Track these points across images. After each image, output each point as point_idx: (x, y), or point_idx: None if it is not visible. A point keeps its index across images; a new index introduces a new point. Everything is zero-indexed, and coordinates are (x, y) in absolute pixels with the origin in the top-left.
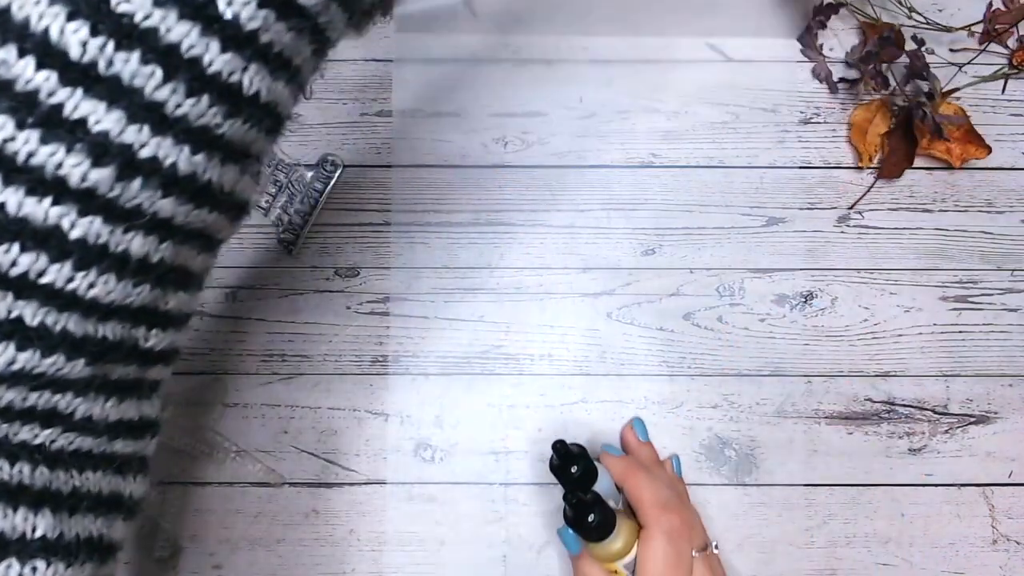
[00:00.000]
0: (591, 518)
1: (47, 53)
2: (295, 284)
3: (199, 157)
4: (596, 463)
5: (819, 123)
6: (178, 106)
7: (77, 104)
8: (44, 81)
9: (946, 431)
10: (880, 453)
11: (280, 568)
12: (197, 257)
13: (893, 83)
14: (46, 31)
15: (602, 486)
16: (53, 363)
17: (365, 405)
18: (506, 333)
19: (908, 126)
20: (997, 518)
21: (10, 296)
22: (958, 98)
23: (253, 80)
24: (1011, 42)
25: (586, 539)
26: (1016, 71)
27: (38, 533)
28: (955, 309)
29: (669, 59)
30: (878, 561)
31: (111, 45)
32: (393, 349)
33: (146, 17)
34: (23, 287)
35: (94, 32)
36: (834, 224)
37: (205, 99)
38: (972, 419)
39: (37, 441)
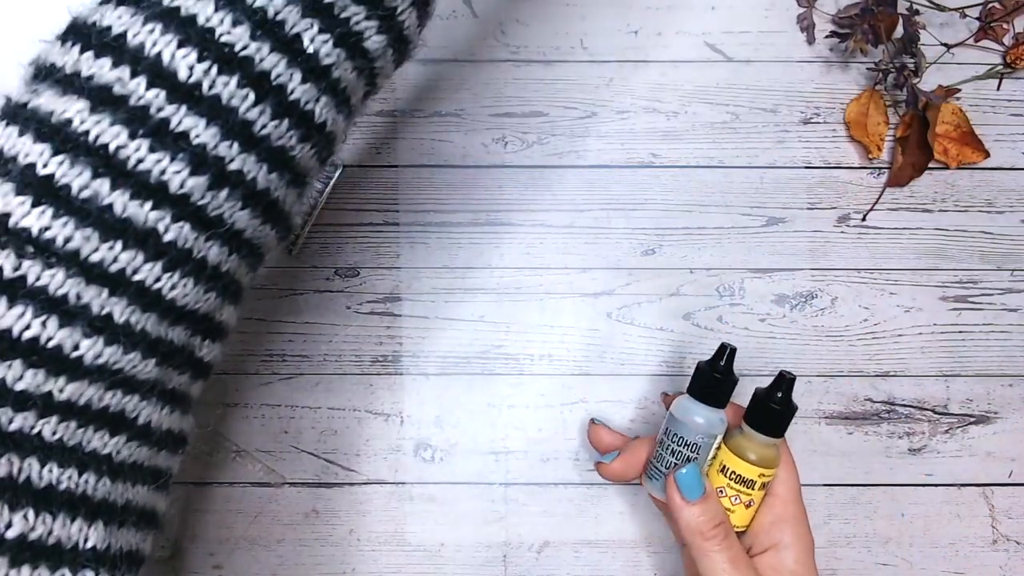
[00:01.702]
0: (779, 398)
1: (158, 74)
2: (295, 284)
3: (274, 175)
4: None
5: (819, 123)
6: (264, 126)
7: (181, 119)
8: (154, 98)
9: (946, 431)
10: (880, 453)
11: (280, 568)
12: (248, 273)
13: (883, 46)
14: (159, 55)
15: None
16: (131, 360)
17: (365, 405)
18: (506, 333)
19: (923, 137)
20: (997, 518)
21: (105, 292)
22: (958, 98)
23: (323, 110)
24: (1007, 39)
25: (761, 428)
26: (1011, 70)
27: (90, 544)
28: (955, 309)
29: (669, 59)
30: (878, 561)
31: (215, 69)
32: (393, 349)
33: (244, 47)
34: (118, 284)
35: (200, 58)
36: (834, 224)
37: (286, 122)
38: (972, 419)
39: (106, 451)
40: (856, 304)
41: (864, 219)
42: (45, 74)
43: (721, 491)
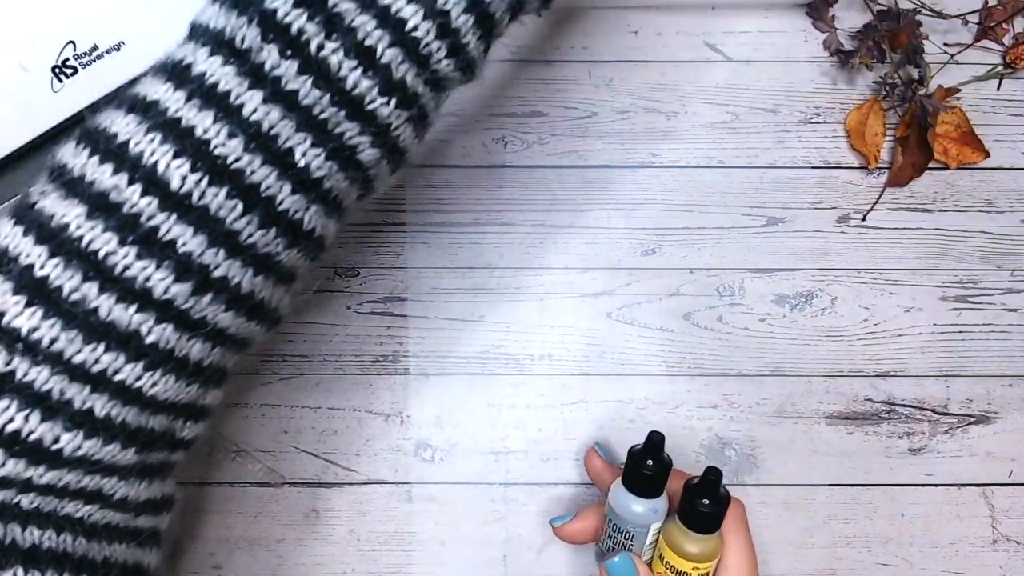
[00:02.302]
0: (706, 503)
1: (153, 183)
2: (295, 284)
3: (259, 279)
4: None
5: (819, 123)
6: (250, 235)
7: (170, 228)
8: (147, 206)
9: (946, 431)
10: (880, 453)
11: (280, 568)
12: (233, 359)
13: (888, 59)
14: (155, 164)
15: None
16: (110, 450)
17: (365, 405)
18: (506, 333)
19: (923, 137)
20: (997, 518)
21: (87, 389)
22: (958, 98)
23: (312, 218)
24: (1007, 39)
25: (692, 527)
26: (1011, 70)
27: None
28: (955, 309)
29: (669, 59)
30: (878, 561)
31: (205, 180)
32: (393, 349)
33: (237, 160)
34: (99, 382)
35: (193, 169)
36: (834, 224)
37: (273, 231)
38: (972, 419)
39: (78, 515)
40: (856, 304)
41: (864, 219)
42: (57, 174)
43: None
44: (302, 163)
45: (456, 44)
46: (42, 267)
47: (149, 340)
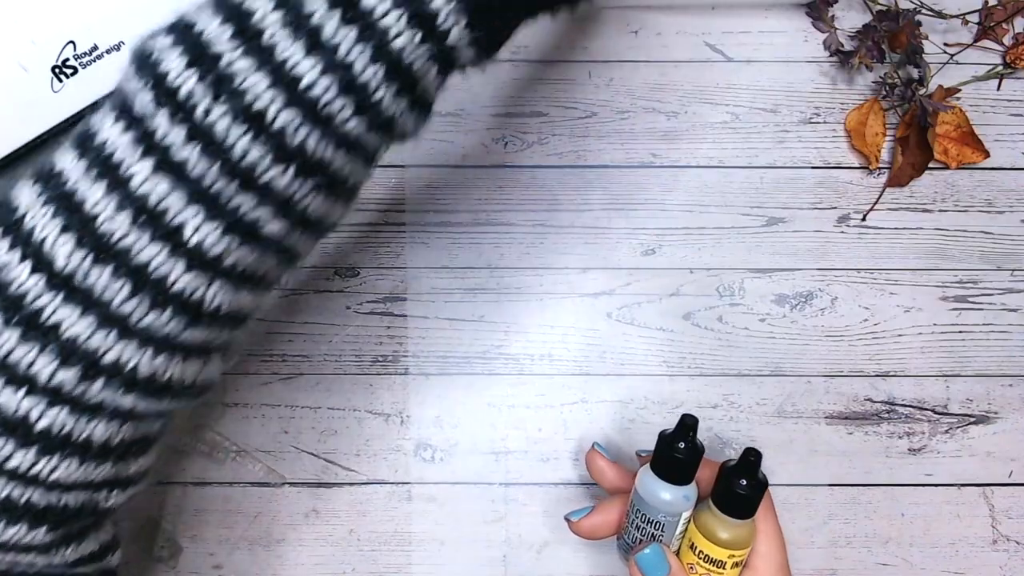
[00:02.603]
0: (745, 485)
1: (40, 260)
2: (295, 284)
3: (160, 360)
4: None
5: (819, 123)
6: (142, 318)
7: (55, 309)
8: (33, 285)
9: (946, 431)
10: (880, 453)
11: (280, 568)
12: (156, 426)
13: (888, 60)
14: (43, 240)
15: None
16: (16, 532)
17: (365, 405)
18: (506, 333)
19: (923, 137)
20: (997, 518)
21: None
22: (958, 98)
23: (216, 297)
24: (1007, 39)
25: (729, 512)
26: (1011, 70)
27: None
28: (955, 309)
29: (669, 59)
30: (878, 561)
31: (89, 259)
32: (393, 349)
33: (123, 237)
34: None
35: (79, 245)
36: (834, 224)
37: (168, 312)
38: (972, 419)
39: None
40: (856, 304)
41: (864, 219)
42: None
43: (692, 568)
44: (194, 240)
45: (365, 101)
46: None
47: (40, 426)
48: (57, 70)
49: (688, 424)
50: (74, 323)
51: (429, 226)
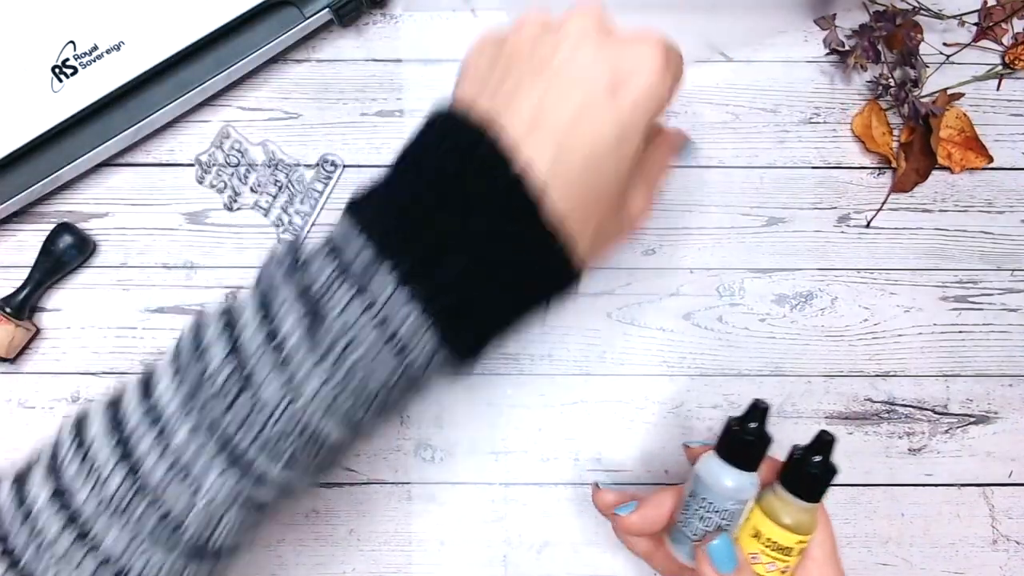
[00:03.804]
0: (818, 463)
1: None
2: None
3: None
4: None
5: (819, 123)
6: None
7: None
8: None
9: (946, 431)
10: (880, 453)
11: (280, 568)
12: None
13: (884, 60)
14: None
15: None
16: None
17: None
18: None
19: (926, 142)
20: (997, 518)
21: None
22: (960, 103)
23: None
24: (1006, 39)
25: (801, 494)
26: (1010, 70)
27: None
28: (955, 309)
29: None
30: (878, 561)
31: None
32: None
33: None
34: None
35: None
36: (834, 224)
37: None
38: (972, 419)
39: None
40: (856, 304)
41: (868, 225)
42: None
43: (755, 557)
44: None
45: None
46: None
47: None
48: (57, 70)
49: (760, 408)
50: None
51: None
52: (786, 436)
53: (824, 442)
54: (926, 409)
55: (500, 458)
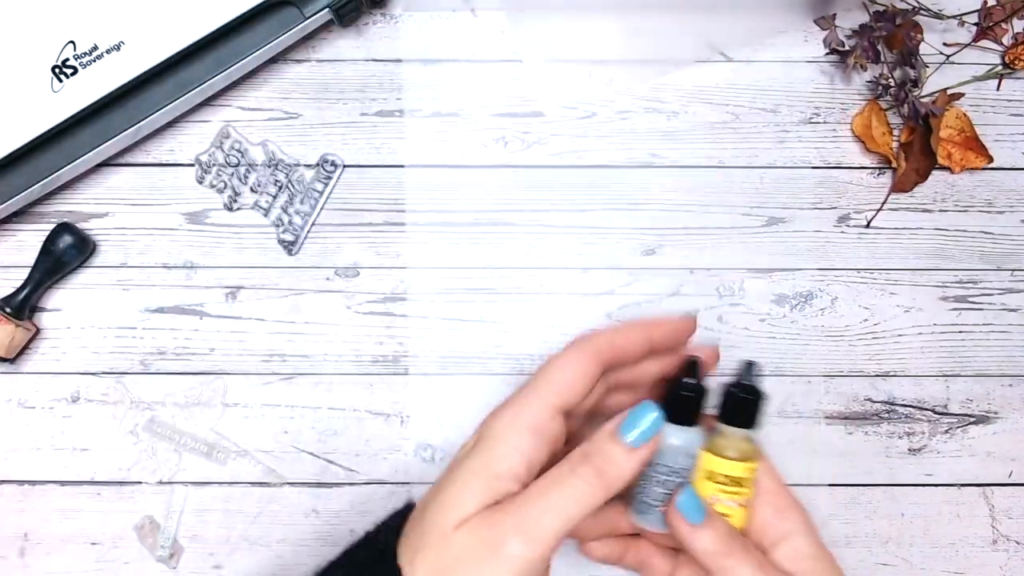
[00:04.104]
0: (744, 388)
1: None
2: (295, 284)
3: None
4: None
5: (819, 123)
6: None
7: None
8: None
9: (946, 431)
10: (880, 453)
11: (280, 568)
12: None
13: (883, 60)
14: None
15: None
16: None
17: (365, 405)
18: (506, 333)
19: (926, 142)
20: (997, 518)
21: None
22: (959, 103)
23: None
24: (1006, 39)
25: (736, 422)
26: (1010, 70)
27: None
28: (955, 309)
29: (669, 59)
30: (878, 561)
31: None
32: (393, 349)
33: None
34: None
35: None
36: (834, 224)
37: None
38: (972, 419)
39: None
40: (856, 304)
41: (868, 225)
42: None
43: (714, 498)
44: None
45: None
46: None
47: None
48: (57, 70)
49: (693, 363)
50: None
51: (429, 226)
52: (786, 436)
53: (748, 368)
54: (926, 409)
55: None
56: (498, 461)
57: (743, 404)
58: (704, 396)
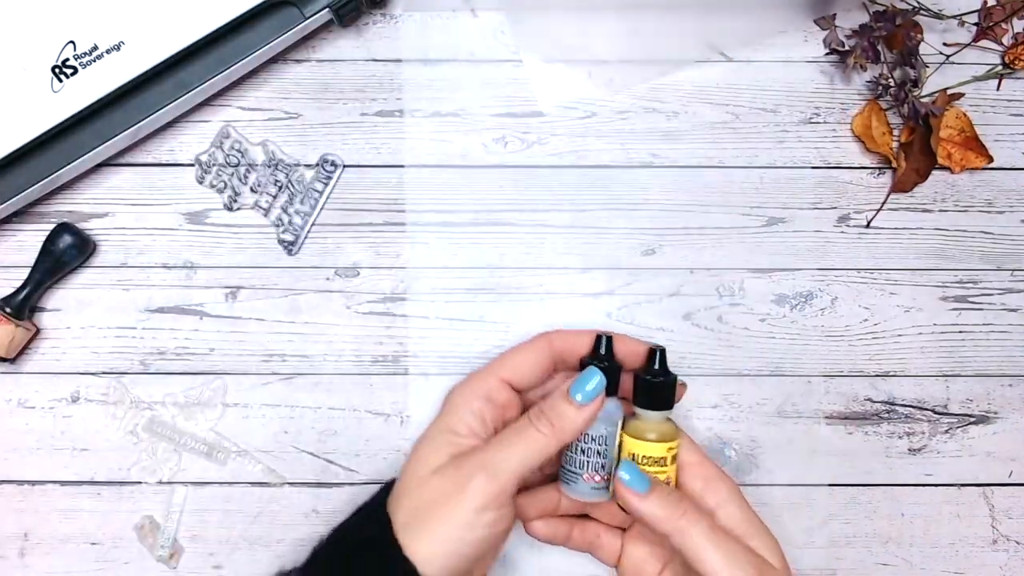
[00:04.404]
0: (655, 373)
1: None
2: (295, 284)
3: None
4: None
5: (819, 123)
6: None
7: None
8: None
9: (946, 431)
10: (880, 453)
11: (280, 568)
12: None
13: (883, 60)
14: None
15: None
16: None
17: (365, 405)
18: (506, 333)
19: (926, 142)
20: (997, 518)
21: None
22: (959, 103)
23: None
24: (1006, 39)
25: (651, 406)
26: (1010, 70)
27: None
28: (955, 309)
29: (669, 59)
30: (878, 561)
31: None
32: (393, 349)
33: None
34: None
35: None
36: (834, 224)
37: None
38: (972, 419)
39: None
40: (856, 304)
41: (868, 225)
42: None
43: None
44: None
45: None
46: None
47: None
48: (57, 70)
49: (604, 338)
50: None
51: (429, 226)
52: (786, 436)
53: (657, 352)
54: (926, 409)
55: None
56: (458, 422)
57: (657, 387)
58: (617, 371)
